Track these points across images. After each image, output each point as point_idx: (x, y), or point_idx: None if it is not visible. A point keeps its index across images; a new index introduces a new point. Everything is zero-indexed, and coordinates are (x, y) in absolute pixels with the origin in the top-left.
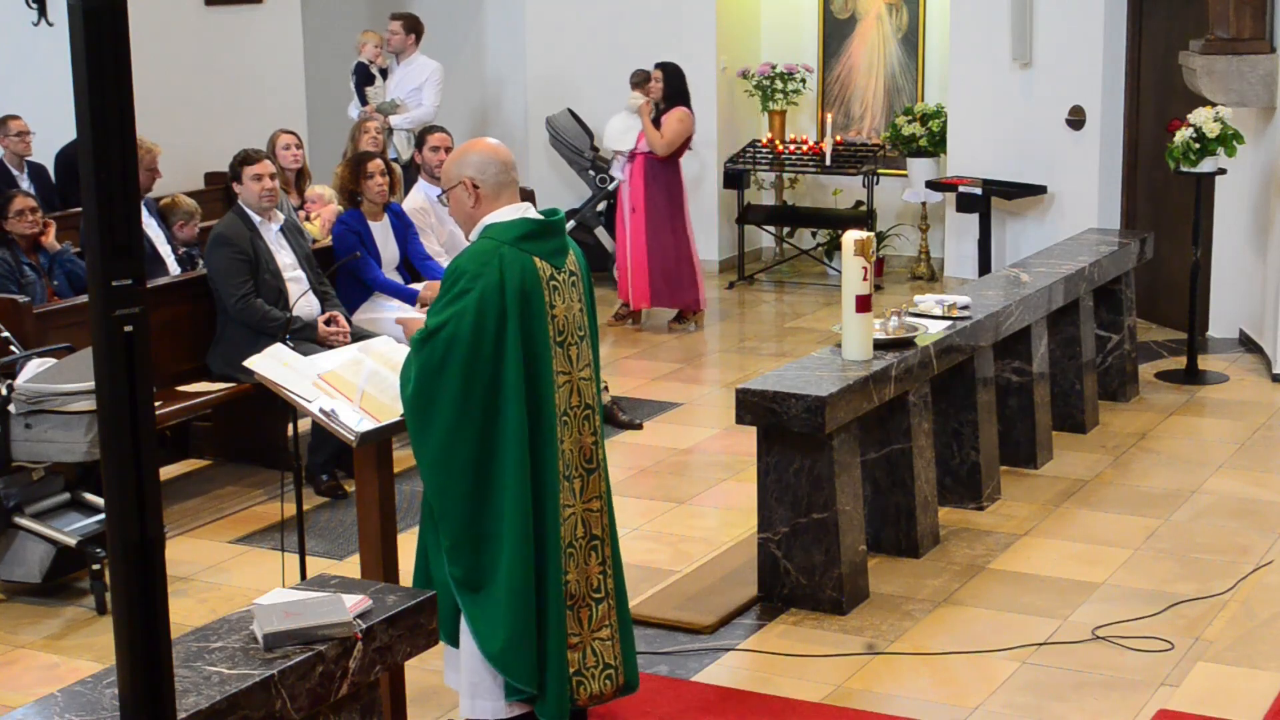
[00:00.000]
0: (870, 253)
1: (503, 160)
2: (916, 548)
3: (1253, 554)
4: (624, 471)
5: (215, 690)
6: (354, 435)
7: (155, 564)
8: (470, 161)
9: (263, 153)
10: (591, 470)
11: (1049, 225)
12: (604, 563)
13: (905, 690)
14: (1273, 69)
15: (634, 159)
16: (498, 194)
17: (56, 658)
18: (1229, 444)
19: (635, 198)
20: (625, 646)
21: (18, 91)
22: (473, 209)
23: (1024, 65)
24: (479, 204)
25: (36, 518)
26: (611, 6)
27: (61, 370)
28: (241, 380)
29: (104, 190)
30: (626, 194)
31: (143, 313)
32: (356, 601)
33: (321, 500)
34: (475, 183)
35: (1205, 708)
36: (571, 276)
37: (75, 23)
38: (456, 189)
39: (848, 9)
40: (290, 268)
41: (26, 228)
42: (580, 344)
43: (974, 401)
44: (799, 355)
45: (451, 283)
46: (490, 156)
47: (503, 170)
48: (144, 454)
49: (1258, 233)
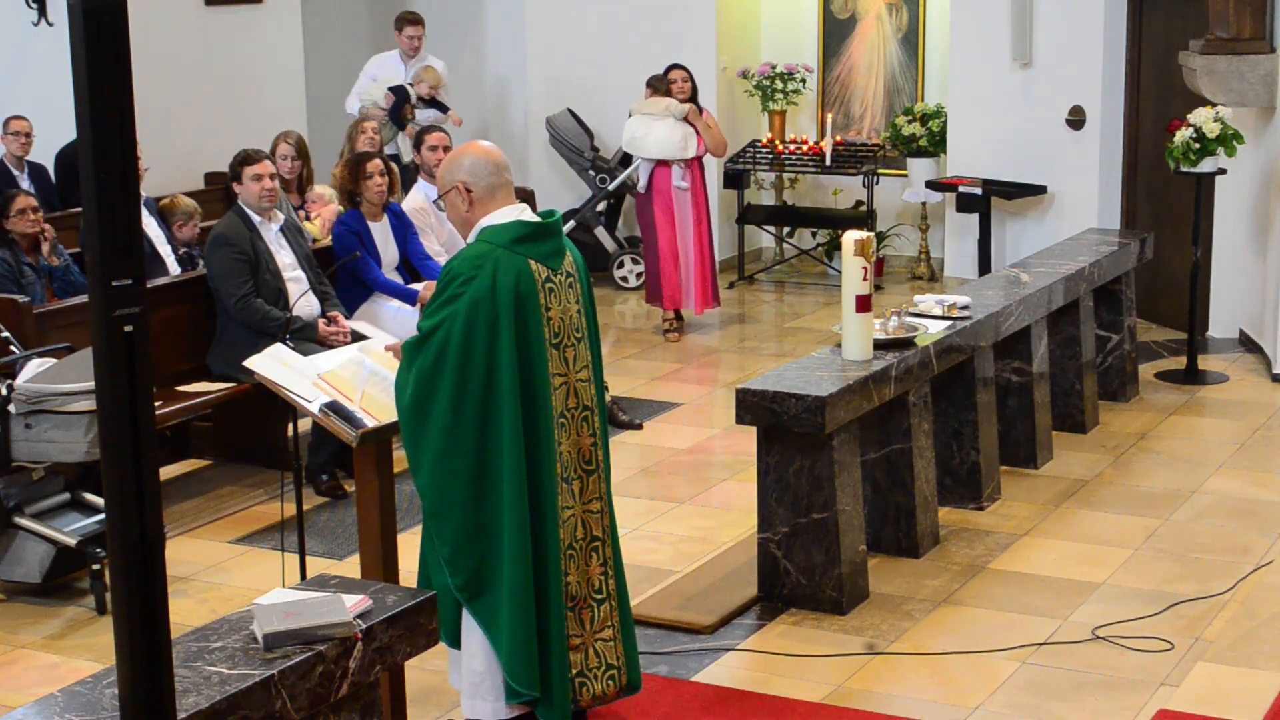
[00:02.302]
0: (870, 253)
1: (495, 162)
2: (916, 548)
3: (1253, 554)
4: (624, 471)
5: (215, 690)
6: (354, 435)
7: (155, 564)
8: (462, 166)
9: (263, 153)
10: (591, 472)
11: (1049, 225)
12: (605, 564)
13: (905, 690)
14: (1273, 69)
15: (691, 165)
16: (492, 195)
17: (56, 658)
18: (1229, 444)
19: (699, 203)
20: (628, 647)
21: (18, 91)
22: (467, 212)
23: (1024, 65)
24: (473, 207)
25: (36, 518)
26: (611, 6)
27: (61, 370)
28: (241, 380)
29: (104, 190)
30: (687, 201)
31: (143, 313)
32: (356, 601)
33: (321, 500)
34: (468, 185)
35: (1205, 708)
36: (569, 278)
37: (75, 23)
38: (450, 194)
39: (848, 9)
40: (290, 268)
41: (27, 227)
42: (577, 346)
43: (974, 401)
44: (799, 355)
45: (444, 286)
46: (482, 159)
47: (495, 172)
48: (144, 454)
49: (1258, 233)
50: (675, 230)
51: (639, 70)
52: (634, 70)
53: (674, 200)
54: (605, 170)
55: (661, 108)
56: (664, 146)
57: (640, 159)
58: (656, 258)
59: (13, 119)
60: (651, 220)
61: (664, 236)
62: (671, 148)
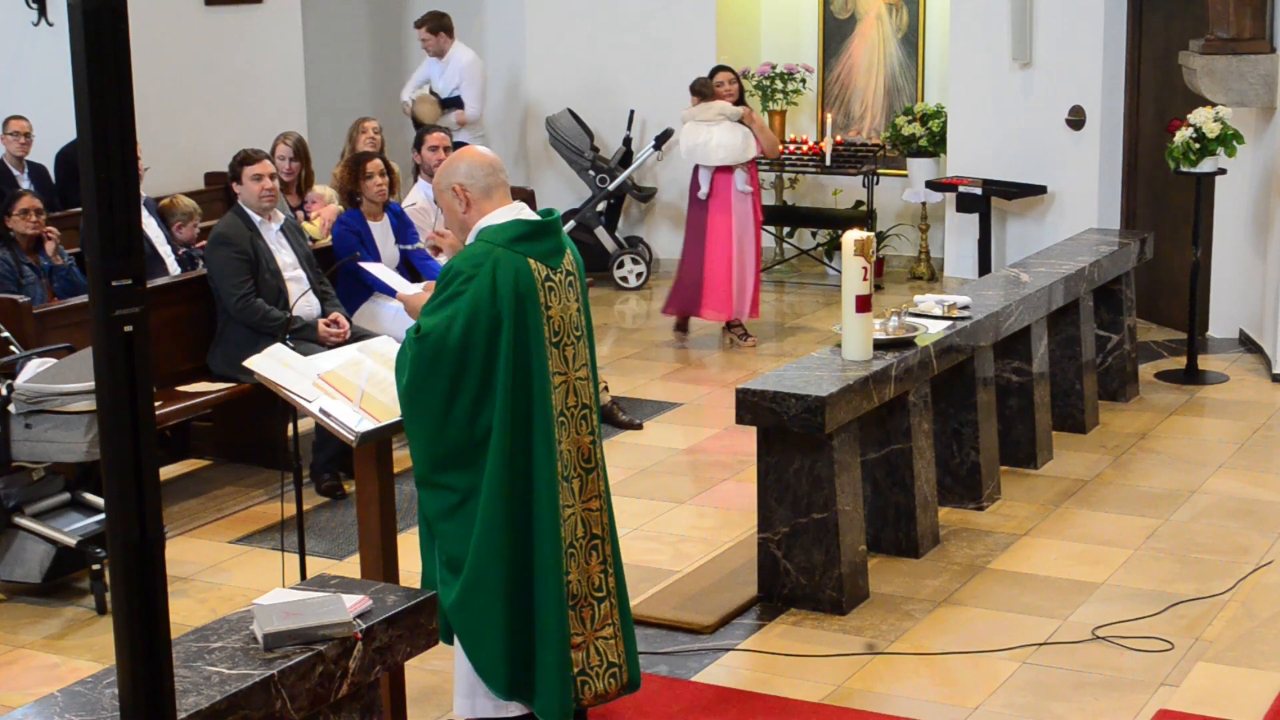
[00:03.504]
0: (870, 253)
1: (489, 163)
2: (916, 548)
3: (1253, 554)
4: (624, 471)
5: (215, 690)
6: (354, 435)
7: (155, 564)
8: (457, 169)
9: (262, 153)
10: (590, 470)
11: (1049, 225)
12: (605, 562)
13: (905, 690)
14: (1273, 69)
15: (750, 168)
16: (488, 195)
17: (56, 658)
18: (1229, 444)
19: (757, 207)
20: (628, 644)
21: (18, 91)
22: (465, 214)
23: (1024, 65)
24: (470, 208)
25: (36, 518)
26: (611, 6)
27: (61, 370)
28: (241, 380)
29: (104, 190)
30: (748, 205)
31: (143, 313)
32: (356, 601)
33: (321, 500)
34: (464, 187)
35: (1205, 708)
36: (568, 277)
37: (75, 23)
38: (447, 196)
39: (848, 9)
40: (290, 267)
41: (29, 228)
42: (577, 344)
43: (974, 401)
44: (799, 355)
45: (444, 284)
46: (476, 161)
47: (490, 172)
48: (144, 454)
49: (1258, 233)
50: (734, 236)
51: (639, 70)
52: (634, 70)
53: (734, 205)
54: (605, 170)
55: (715, 112)
56: (728, 152)
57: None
58: (701, 265)
59: (12, 119)
60: (707, 227)
61: (722, 244)
62: (735, 152)
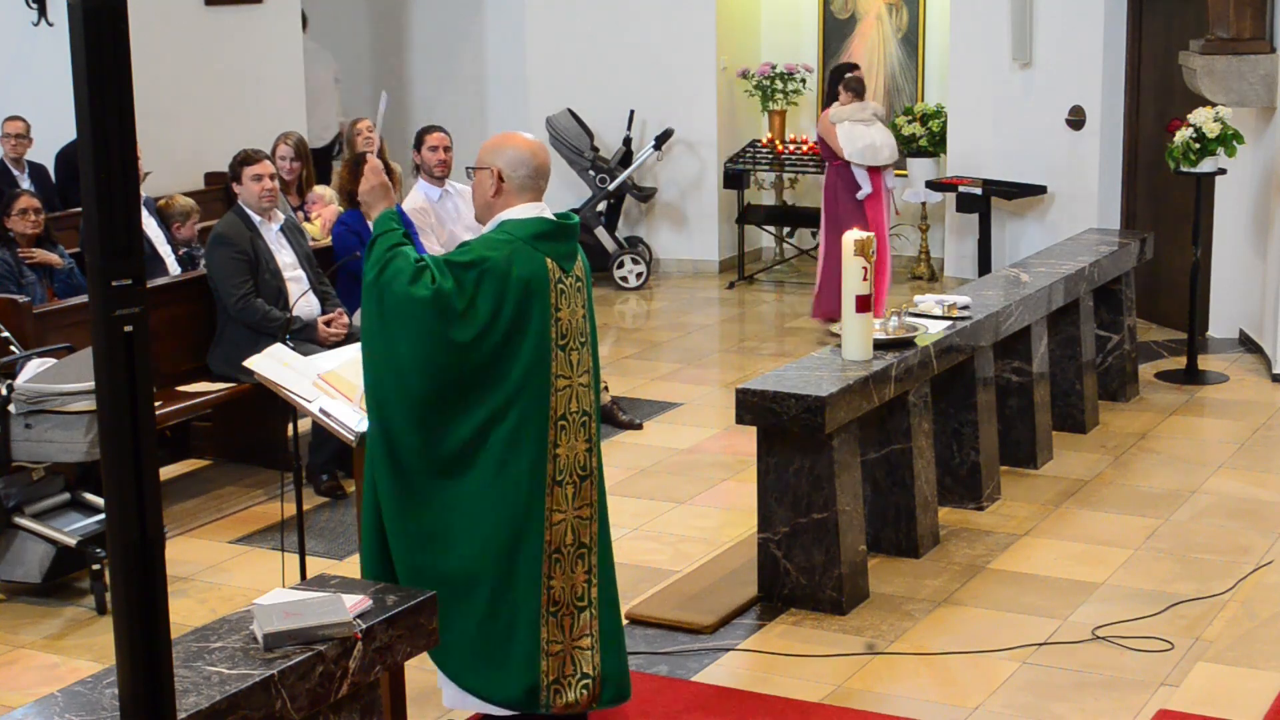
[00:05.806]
0: (870, 253)
1: (537, 164)
2: (916, 548)
3: (1253, 554)
4: (624, 471)
5: (215, 690)
6: (354, 435)
7: (155, 564)
8: (506, 154)
9: (262, 153)
10: (585, 477)
11: (1049, 225)
12: (589, 571)
13: (905, 690)
14: (1273, 69)
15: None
16: (520, 193)
17: (56, 658)
18: (1229, 444)
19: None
20: (619, 656)
21: (18, 91)
22: (492, 198)
23: (1024, 65)
24: (499, 195)
25: (36, 518)
26: (611, 6)
27: (61, 370)
28: (241, 380)
29: (104, 190)
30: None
31: (143, 313)
32: (356, 601)
33: (321, 500)
34: (503, 175)
35: (1205, 708)
36: (578, 282)
37: (75, 23)
38: (484, 172)
39: (848, 9)
40: (290, 267)
41: (28, 227)
42: (581, 349)
43: (974, 401)
44: (799, 355)
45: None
46: (527, 157)
47: (533, 175)
48: (144, 454)
49: (1258, 233)
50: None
51: (639, 70)
52: (634, 70)
53: (884, 203)
54: (605, 170)
55: (869, 112)
56: (892, 150)
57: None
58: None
59: (9, 120)
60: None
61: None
62: (894, 150)
